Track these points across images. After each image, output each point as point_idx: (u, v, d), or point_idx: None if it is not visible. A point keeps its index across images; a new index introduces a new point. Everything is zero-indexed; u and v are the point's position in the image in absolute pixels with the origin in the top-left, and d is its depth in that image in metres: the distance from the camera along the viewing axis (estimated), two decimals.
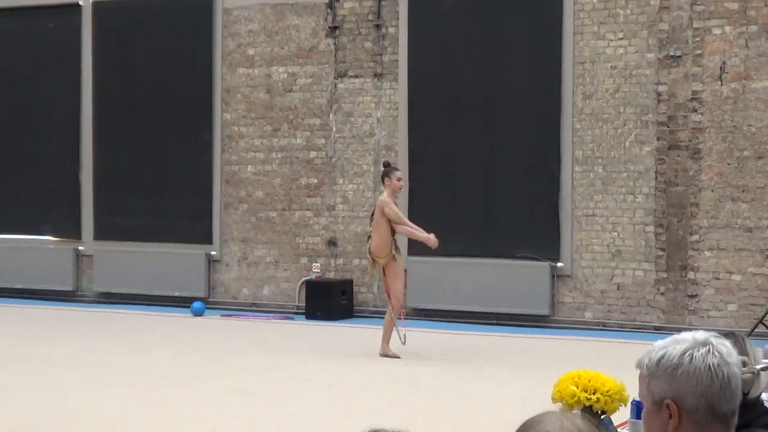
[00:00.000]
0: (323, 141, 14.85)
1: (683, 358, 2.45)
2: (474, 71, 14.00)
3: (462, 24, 14.03)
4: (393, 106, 14.46)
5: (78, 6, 16.23)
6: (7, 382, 9.49)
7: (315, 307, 14.27)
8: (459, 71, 14.06)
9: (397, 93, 14.41)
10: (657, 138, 13.08)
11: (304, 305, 14.55)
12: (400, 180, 11.29)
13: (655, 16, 13.07)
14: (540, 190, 13.64)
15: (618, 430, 4.99)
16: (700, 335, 2.51)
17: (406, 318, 13.51)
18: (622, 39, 13.23)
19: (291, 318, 14.43)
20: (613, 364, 7.15)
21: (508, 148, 13.85)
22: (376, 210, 11.11)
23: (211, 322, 14.08)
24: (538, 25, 13.69)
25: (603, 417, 4.62)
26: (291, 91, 15.03)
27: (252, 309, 15.05)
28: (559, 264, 13.48)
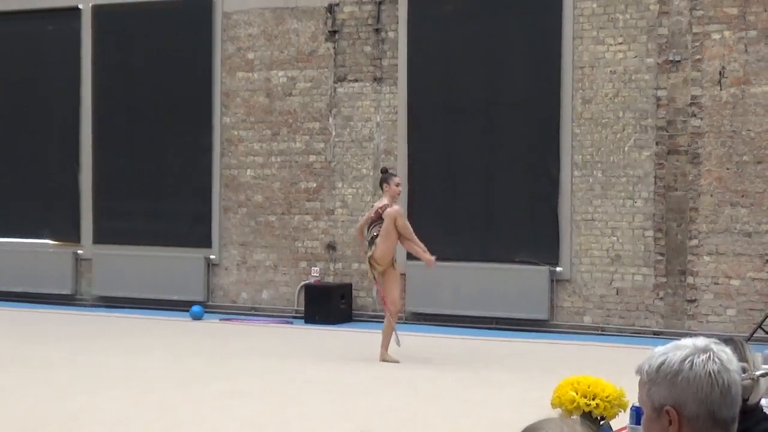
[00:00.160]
0: (322, 145, 14.85)
1: (683, 364, 2.45)
2: (473, 75, 14.01)
3: (461, 28, 14.03)
4: (392, 110, 14.46)
5: (78, 9, 16.24)
6: (7, 384, 9.49)
7: (314, 311, 14.26)
8: (458, 75, 14.06)
9: (397, 97, 14.42)
10: (656, 143, 13.08)
11: (303, 309, 14.54)
12: (398, 185, 11.29)
13: (655, 20, 13.08)
14: (539, 194, 13.65)
15: None
16: (700, 342, 2.51)
17: (404, 322, 13.55)
18: (621, 44, 13.24)
19: (290, 322, 14.42)
20: (612, 368, 7.16)
21: (507, 152, 13.86)
22: (386, 219, 10.89)
23: (210, 326, 14.08)
24: (537, 30, 13.70)
25: (602, 423, 4.63)
26: (290, 95, 15.03)
27: (251, 313, 15.04)
28: (558, 268, 13.48)
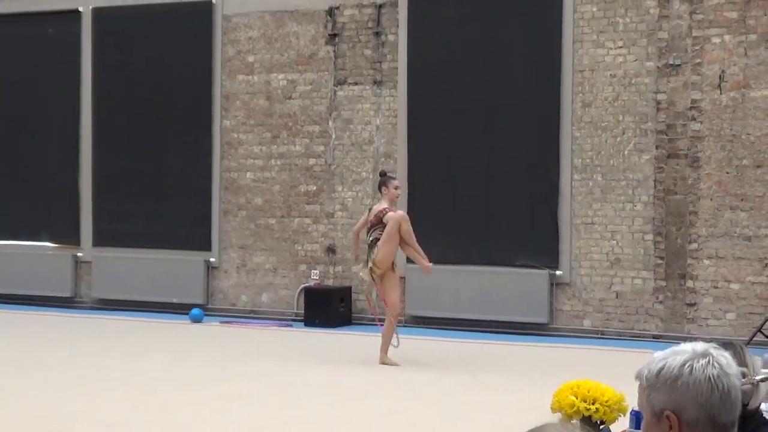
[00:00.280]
0: (322, 148, 14.85)
1: (683, 369, 2.45)
2: (473, 79, 14.01)
3: (462, 32, 14.04)
4: (392, 113, 14.46)
5: (78, 12, 16.24)
6: (6, 386, 9.49)
7: (314, 314, 14.26)
8: (458, 79, 14.07)
9: (397, 100, 14.42)
10: (656, 146, 13.09)
11: (302, 312, 14.54)
12: (397, 188, 11.27)
13: (655, 24, 13.09)
14: (539, 197, 13.65)
15: None
16: (699, 346, 2.51)
17: (404, 325, 13.54)
18: (621, 47, 13.24)
19: (290, 325, 14.42)
20: (612, 372, 7.15)
21: (507, 155, 13.85)
22: (390, 222, 10.85)
23: (210, 328, 14.07)
24: (537, 33, 13.71)
25: (602, 427, 4.62)
26: (290, 98, 15.04)
27: (251, 316, 15.04)
28: (558, 272, 13.49)
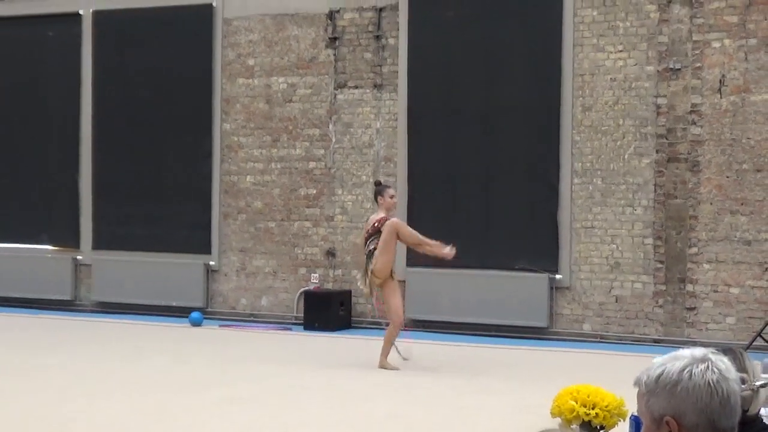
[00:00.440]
0: (322, 152, 14.85)
1: (682, 374, 2.45)
2: (473, 82, 14.01)
3: (462, 35, 14.04)
4: (392, 117, 14.47)
5: (78, 15, 16.25)
6: (5, 389, 9.48)
7: (313, 318, 14.26)
8: (458, 82, 14.07)
9: (397, 104, 14.42)
10: (656, 150, 13.09)
11: (302, 316, 14.53)
12: (393, 198, 11.22)
13: (655, 28, 13.09)
14: (539, 201, 13.65)
15: None
16: (698, 352, 2.50)
17: (404, 329, 13.53)
18: (621, 51, 13.25)
19: (289, 328, 14.42)
20: (612, 376, 7.15)
21: (507, 159, 13.86)
22: (385, 230, 10.82)
23: (210, 332, 14.07)
24: (537, 37, 13.71)
25: None
26: (290, 102, 15.04)
27: (250, 319, 15.04)
28: (558, 276, 13.48)
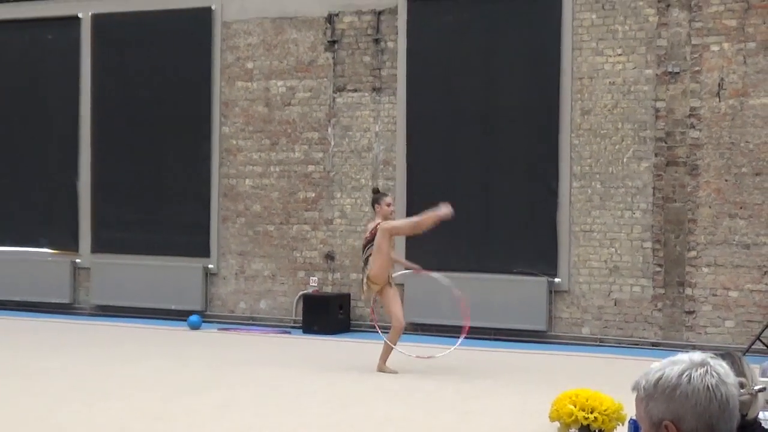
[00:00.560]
0: (321, 155, 14.85)
1: (681, 378, 2.45)
2: (472, 86, 14.01)
3: (461, 39, 14.05)
4: (391, 120, 14.47)
5: (77, 18, 16.26)
6: (4, 393, 9.48)
7: (312, 321, 14.26)
8: (457, 86, 14.07)
9: (396, 107, 14.42)
10: (655, 154, 13.09)
11: (301, 319, 14.53)
12: (389, 206, 11.26)
13: (654, 32, 13.09)
14: (538, 205, 13.65)
15: None
16: (696, 356, 2.51)
17: (403, 332, 13.52)
18: (620, 55, 13.25)
19: (288, 332, 14.41)
20: (610, 380, 7.16)
21: (506, 162, 13.86)
22: (378, 234, 10.88)
23: (208, 335, 14.06)
24: (536, 41, 13.72)
25: None
26: (289, 105, 15.04)
27: (249, 322, 15.04)
28: (557, 279, 13.48)
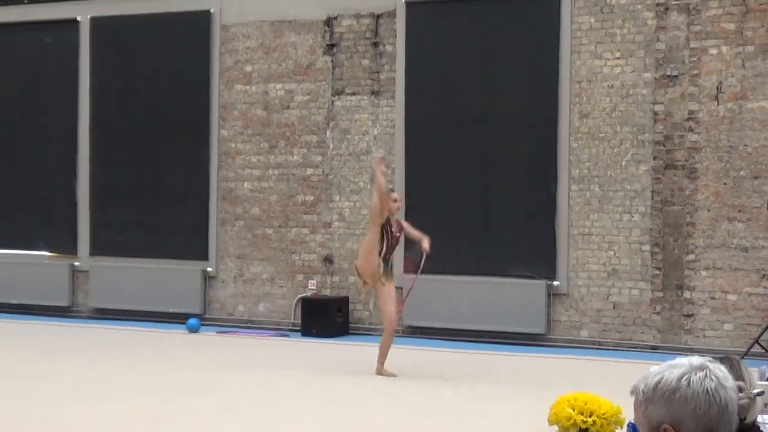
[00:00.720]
0: (320, 158, 14.85)
1: (681, 382, 2.45)
2: (471, 89, 14.01)
3: (459, 42, 14.05)
4: (390, 123, 14.47)
5: (76, 21, 16.26)
6: (2, 396, 9.47)
7: (311, 324, 14.25)
8: (456, 89, 14.07)
9: (394, 111, 14.42)
10: (653, 157, 13.09)
11: (299, 322, 14.53)
12: (396, 201, 11.24)
13: (652, 35, 13.10)
14: (536, 208, 13.65)
15: None
16: (695, 360, 2.50)
17: (401, 335, 13.53)
18: (619, 58, 13.26)
19: (286, 335, 14.41)
20: (609, 383, 7.15)
21: (504, 166, 13.86)
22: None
23: (207, 338, 14.06)
24: (535, 44, 13.72)
25: None
26: (288, 108, 15.04)
27: (248, 326, 15.03)
28: (555, 282, 13.48)
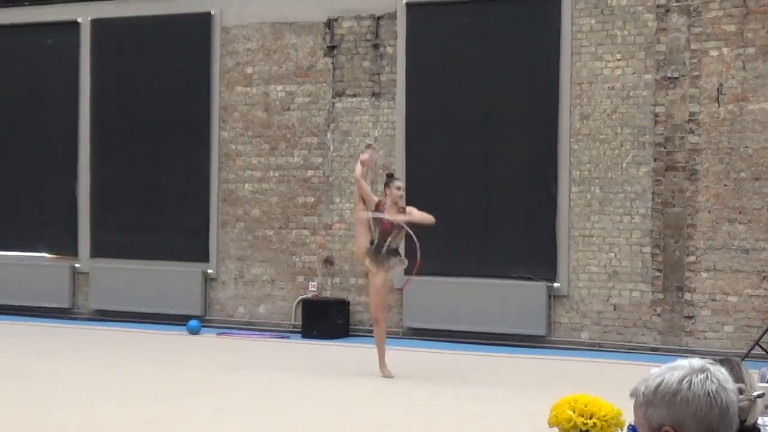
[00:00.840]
0: (320, 160, 14.86)
1: (682, 384, 2.44)
2: (471, 91, 14.01)
3: (460, 44, 14.05)
4: (390, 125, 14.47)
5: (77, 23, 16.26)
6: (2, 397, 9.46)
7: (311, 326, 14.25)
8: (456, 91, 14.07)
9: (395, 112, 14.42)
10: (654, 159, 13.09)
11: (300, 324, 14.52)
12: (399, 189, 11.29)
13: (653, 37, 13.10)
14: (537, 210, 13.64)
15: None
16: (696, 362, 2.50)
17: (401, 337, 13.54)
18: (619, 60, 13.25)
19: (287, 336, 14.40)
20: (609, 385, 7.15)
21: (505, 167, 13.86)
22: None
23: (207, 340, 14.05)
24: (536, 46, 13.72)
25: None
26: (289, 110, 15.04)
27: (248, 327, 15.02)
28: (556, 284, 13.47)
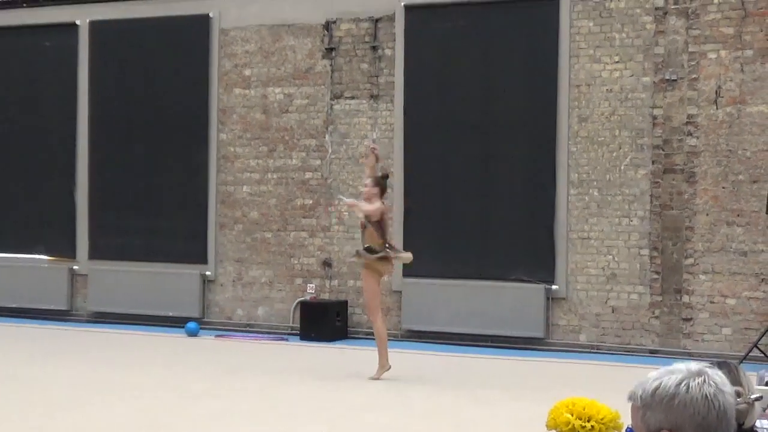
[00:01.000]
0: (319, 162, 14.86)
1: (679, 387, 2.45)
2: (470, 93, 14.01)
3: (458, 46, 14.05)
4: (389, 127, 14.47)
5: (75, 25, 16.25)
6: (1, 400, 9.46)
7: (309, 328, 14.24)
8: (455, 93, 14.07)
9: (393, 114, 14.43)
10: (652, 161, 13.10)
11: (298, 326, 14.52)
12: (366, 186, 11.58)
13: (651, 40, 13.11)
14: (535, 212, 13.64)
15: None
16: (693, 365, 2.51)
17: (400, 339, 13.54)
18: (617, 62, 13.26)
19: (285, 339, 14.40)
20: (608, 387, 7.14)
21: (503, 170, 13.86)
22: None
23: (205, 342, 14.05)
24: (534, 48, 13.72)
25: None
26: (287, 112, 15.04)
27: (246, 329, 15.02)
28: (554, 286, 13.47)
